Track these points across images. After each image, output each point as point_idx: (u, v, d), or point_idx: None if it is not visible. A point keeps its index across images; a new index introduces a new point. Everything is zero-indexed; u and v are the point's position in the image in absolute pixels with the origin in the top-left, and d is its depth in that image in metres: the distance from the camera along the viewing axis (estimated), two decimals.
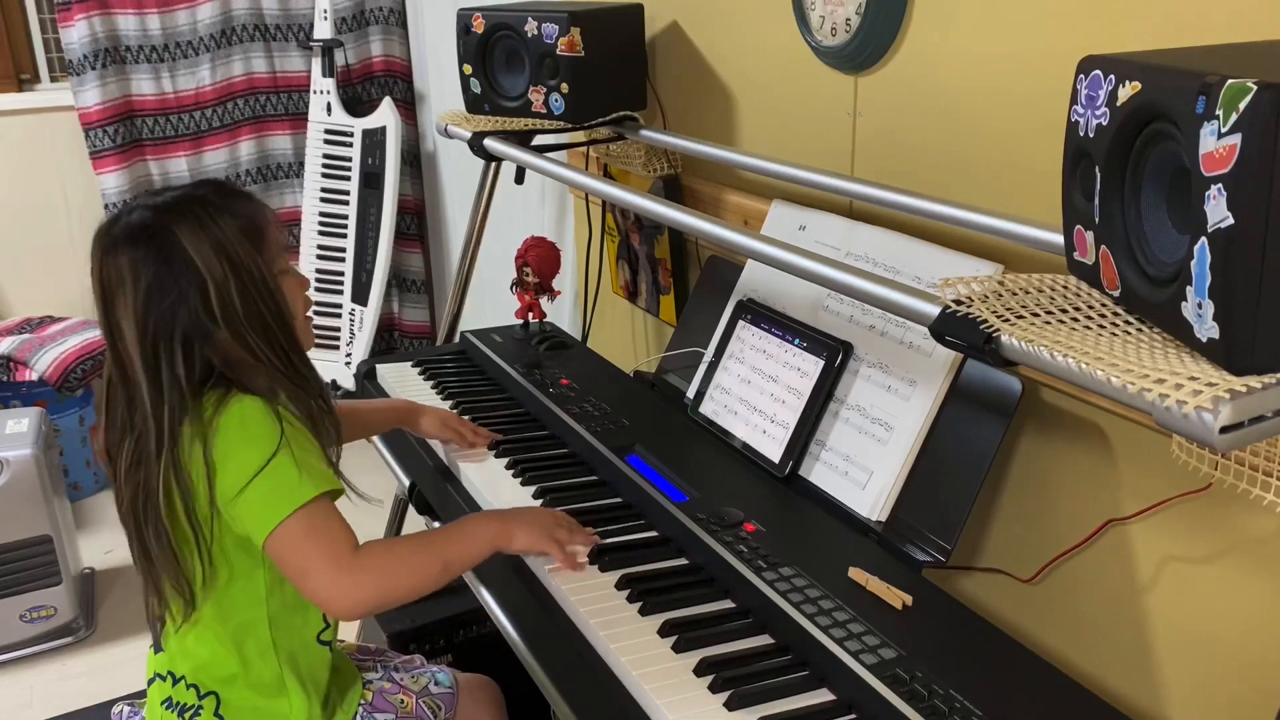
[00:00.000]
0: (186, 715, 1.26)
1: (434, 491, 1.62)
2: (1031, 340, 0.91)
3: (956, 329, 0.99)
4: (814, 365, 1.48)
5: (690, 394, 1.71)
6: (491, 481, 1.54)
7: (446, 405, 1.79)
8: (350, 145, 3.25)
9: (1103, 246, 0.91)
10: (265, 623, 1.24)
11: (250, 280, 1.17)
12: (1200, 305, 0.78)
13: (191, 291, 1.14)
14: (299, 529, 1.15)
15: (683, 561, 1.33)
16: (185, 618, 1.21)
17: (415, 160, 3.52)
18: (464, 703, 1.43)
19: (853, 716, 1.05)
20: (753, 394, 1.56)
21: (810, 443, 1.46)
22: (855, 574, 1.22)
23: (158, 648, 1.30)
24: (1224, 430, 0.76)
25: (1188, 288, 0.79)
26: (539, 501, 1.47)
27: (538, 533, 1.29)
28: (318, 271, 3.30)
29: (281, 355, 1.19)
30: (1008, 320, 0.96)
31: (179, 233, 1.15)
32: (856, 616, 1.14)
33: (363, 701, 1.33)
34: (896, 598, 1.17)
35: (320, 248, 3.31)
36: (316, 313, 3.14)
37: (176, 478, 1.15)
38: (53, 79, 3.34)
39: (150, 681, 1.32)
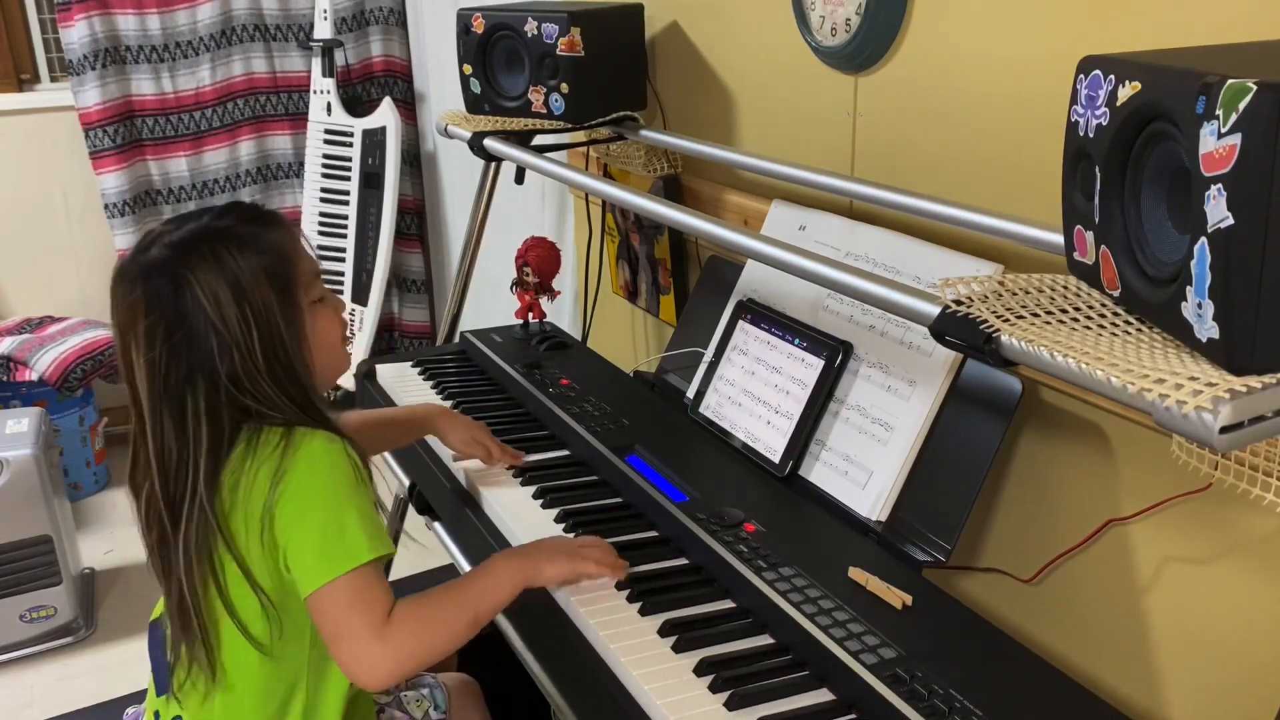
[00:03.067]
0: None
1: (434, 490, 1.62)
2: (1031, 340, 0.91)
3: (956, 329, 0.98)
4: (814, 365, 1.48)
5: (690, 394, 1.71)
6: (491, 481, 1.54)
7: (448, 406, 1.79)
8: (350, 145, 3.25)
9: (1103, 246, 0.91)
10: (304, 688, 1.18)
11: (269, 334, 1.11)
12: (1200, 305, 0.78)
13: (208, 338, 1.09)
14: (348, 591, 1.09)
15: (683, 561, 1.33)
16: (205, 687, 1.15)
17: (415, 160, 3.52)
18: (451, 704, 1.42)
19: (853, 716, 1.05)
20: (756, 385, 1.56)
21: (810, 442, 1.46)
22: (855, 574, 1.22)
23: (161, 689, 1.22)
24: (1224, 430, 0.76)
25: (1188, 288, 0.79)
26: (539, 502, 1.47)
27: (564, 558, 1.23)
28: None
29: (295, 405, 1.14)
30: (1008, 320, 0.96)
31: (195, 276, 1.09)
32: (856, 616, 1.14)
33: None
34: (896, 598, 1.17)
35: (320, 248, 3.30)
36: None
37: (218, 526, 1.10)
38: (53, 79, 3.34)
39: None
